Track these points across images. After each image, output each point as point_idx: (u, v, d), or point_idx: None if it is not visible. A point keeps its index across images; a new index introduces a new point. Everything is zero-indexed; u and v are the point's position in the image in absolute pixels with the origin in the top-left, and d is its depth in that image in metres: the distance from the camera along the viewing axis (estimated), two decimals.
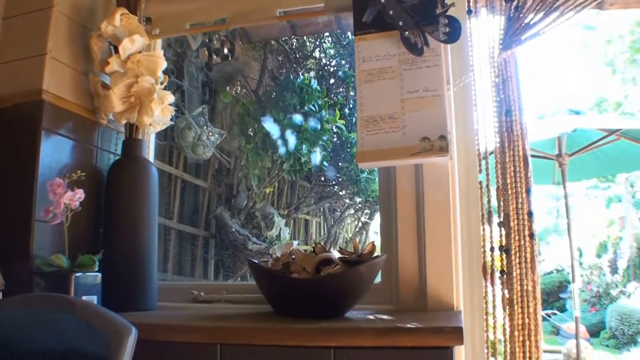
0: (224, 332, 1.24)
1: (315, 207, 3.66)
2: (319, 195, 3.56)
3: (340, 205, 4.00)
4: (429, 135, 1.41)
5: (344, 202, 3.97)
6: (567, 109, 5.10)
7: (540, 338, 1.40)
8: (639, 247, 15.67)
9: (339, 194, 3.69)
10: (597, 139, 5.04)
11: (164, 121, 1.82)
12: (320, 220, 4.01)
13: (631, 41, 18.35)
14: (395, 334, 1.12)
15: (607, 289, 14.92)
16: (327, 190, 3.56)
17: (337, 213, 4.05)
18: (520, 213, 1.40)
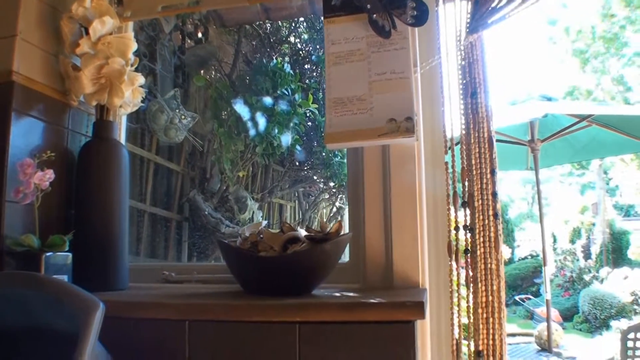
0: (192, 309, 1.26)
1: (289, 191, 3.68)
2: (293, 179, 3.57)
3: (314, 190, 4.02)
4: (396, 117, 1.44)
5: (318, 187, 3.98)
6: (538, 95, 5.16)
7: (503, 315, 1.44)
8: (611, 232, 15.92)
9: (313, 178, 3.71)
10: (569, 124, 5.11)
11: (134, 103, 1.83)
12: (295, 205, 4.03)
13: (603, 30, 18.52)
14: (359, 309, 1.15)
15: (581, 274, 15.14)
16: (301, 175, 3.58)
17: (312, 198, 4.07)
18: (484, 194, 1.43)
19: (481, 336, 1.39)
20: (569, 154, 6.20)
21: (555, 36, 20.88)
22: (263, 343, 1.20)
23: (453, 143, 1.49)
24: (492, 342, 1.40)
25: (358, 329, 1.14)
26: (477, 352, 1.40)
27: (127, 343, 1.29)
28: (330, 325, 1.16)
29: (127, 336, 1.30)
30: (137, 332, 1.30)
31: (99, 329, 1.06)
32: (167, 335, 1.28)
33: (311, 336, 1.17)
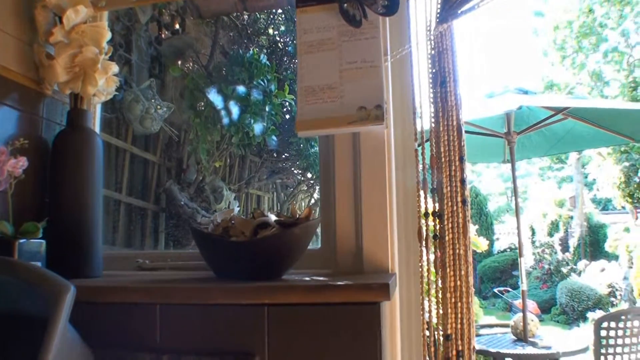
0: (162, 292, 1.28)
1: (266, 182, 3.69)
2: (270, 170, 3.59)
3: (292, 182, 4.04)
4: (366, 105, 1.46)
5: (296, 179, 4.00)
6: (515, 88, 5.19)
7: (471, 300, 1.46)
8: (589, 226, 16.10)
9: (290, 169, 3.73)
10: (545, 117, 5.15)
11: (108, 91, 1.84)
12: (273, 197, 4.04)
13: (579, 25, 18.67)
14: (326, 291, 1.17)
15: (558, 267, 15.32)
16: (278, 166, 3.59)
17: (290, 189, 4.09)
18: (453, 180, 1.45)
19: (450, 320, 1.42)
20: (546, 146, 6.26)
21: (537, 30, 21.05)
22: (232, 325, 1.22)
23: (423, 131, 1.51)
24: (460, 326, 1.42)
25: (325, 310, 1.17)
26: (445, 336, 1.42)
27: (99, 327, 1.30)
28: (298, 307, 1.18)
29: (99, 320, 1.31)
30: (108, 316, 1.32)
31: (69, 311, 1.07)
32: (138, 319, 1.29)
33: (279, 318, 1.19)
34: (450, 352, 1.41)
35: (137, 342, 1.28)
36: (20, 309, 1.20)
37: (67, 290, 1.08)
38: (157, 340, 1.27)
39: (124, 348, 1.28)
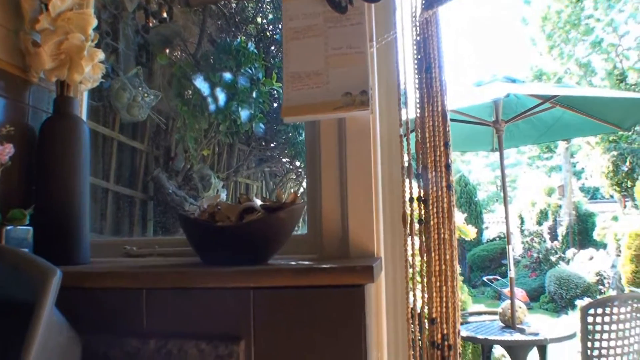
0: (149, 277, 1.29)
1: (255, 170, 3.70)
2: (259, 158, 3.59)
3: (281, 170, 4.04)
4: (351, 91, 1.46)
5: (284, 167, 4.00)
6: (503, 77, 5.21)
7: (456, 284, 1.48)
8: (577, 214, 16.19)
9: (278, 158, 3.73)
10: (533, 105, 5.18)
11: (94, 78, 1.84)
12: (262, 185, 4.04)
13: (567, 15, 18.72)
14: (311, 274, 1.18)
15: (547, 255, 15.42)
16: (266, 154, 3.60)
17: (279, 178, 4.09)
18: (438, 165, 1.46)
19: (435, 304, 1.43)
20: (534, 135, 6.29)
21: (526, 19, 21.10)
22: (218, 309, 1.23)
23: (407, 117, 1.52)
24: (445, 309, 1.44)
25: (310, 293, 1.18)
26: (431, 320, 1.44)
27: (86, 313, 1.31)
28: (284, 290, 1.19)
29: (86, 306, 1.32)
30: (95, 301, 1.32)
31: (56, 295, 1.08)
32: (125, 304, 1.30)
33: (265, 301, 1.20)
34: (436, 336, 1.43)
35: (124, 327, 1.29)
36: (6, 294, 1.20)
37: (54, 274, 1.08)
38: (144, 325, 1.28)
39: (111, 333, 1.28)
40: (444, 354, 1.43)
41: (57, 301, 1.08)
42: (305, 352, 1.18)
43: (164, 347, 1.22)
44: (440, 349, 1.43)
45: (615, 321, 3.95)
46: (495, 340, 4.47)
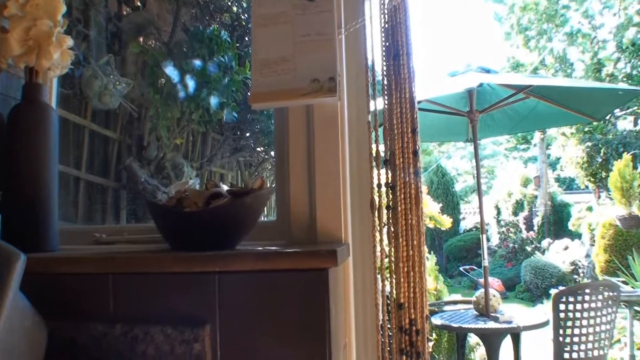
0: (115, 262, 1.29)
1: (230, 159, 3.69)
2: (233, 148, 3.59)
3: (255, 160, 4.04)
4: (319, 77, 1.47)
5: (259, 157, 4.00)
6: (477, 67, 5.24)
7: (424, 269, 1.49)
8: (553, 205, 16.36)
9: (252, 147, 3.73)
10: (507, 96, 5.22)
11: (63, 65, 1.82)
12: (236, 175, 4.04)
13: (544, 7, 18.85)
14: (275, 258, 1.19)
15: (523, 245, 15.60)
16: (241, 144, 3.59)
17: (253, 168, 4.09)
18: (405, 152, 1.47)
19: (402, 289, 1.44)
20: (509, 125, 6.34)
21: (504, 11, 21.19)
22: (184, 294, 1.24)
23: (375, 103, 1.53)
24: (413, 294, 1.45)
25: (275, 277, 1.19)
26: (398, 305, 1.45)
27: (53, 298, 1.30)
28: (248, 275, 1.20)
29: (53, 291, 1.32)
30: (62, 287, 1.32)
31: (20, 279, 1.07)
32: (92, 290, 1.30)
33: (230, 285, 1.21)
34: (404, 321, 1.44)
35: (90, 312, 1.29)
36: None
37: (17, 258, 1.08)
38: (110, 310, 1.28)
39: (77, 318, 1.28)
40: (412, 338, 1.45)
41: (23, 287, 1.08)
42: (270, 336, 1.19)
43: (130, 331, 1.23)
44: (408, 333, 1.45)
45: (587, 309, 4.01)
46: (469, 328, 4.52)
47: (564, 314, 3.99)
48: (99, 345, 1.24)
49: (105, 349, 1.24)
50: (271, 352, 1.18)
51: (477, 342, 6.08)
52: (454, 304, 6.15)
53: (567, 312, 4.00)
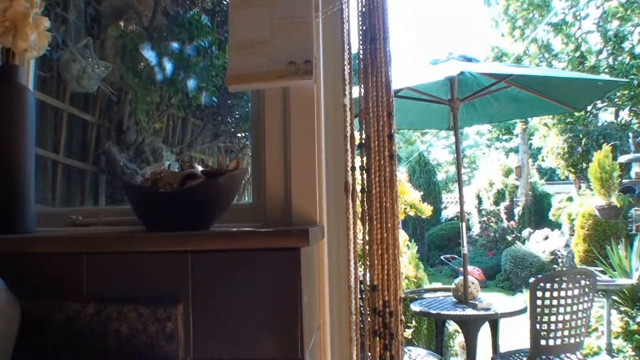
0: (89, 242, 1.29)
1: (210, 145, 3.68)
2: (213, 133, 3.57)
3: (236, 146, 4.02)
4: (296, 60, 1.47)
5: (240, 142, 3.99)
6: (459, 55, 5.26)
7: (398, 252, 1.51)
8: (534, 195, 16.48)
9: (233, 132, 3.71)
10: (488, 84, 5.24)
11: (40, 46, 1.81)
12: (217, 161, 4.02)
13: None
14: (248, 237, 1.20)
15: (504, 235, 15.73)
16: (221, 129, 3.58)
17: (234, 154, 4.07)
18: (381, 135, 1.48)
19: (376, 271, 1.46)
20: (489, 114, 6.37)
21: None
22: (158, 273, 1.24)
23: (352, 86, 1.54)
24: (386, 277, 1.47)
25: (247, 256, 1.20)
26: (372, 287, 1.46)
27: (27, 278, 1.31)
28: (221, 254, 1.21)
29: (27, 271, 1.32)
30: (36, 267, 1.32)
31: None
32: (65, 269, 1.30)
33: (203, 265, 1.22)
34: (377, 302, 1.46)
35: (64, 292, 1.29)
36: None
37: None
38: (84, 289, 1.28)
39: (51, 298, 1.28)
40: (385, 320, 1.47)
41: None
42: (243, 314, 1.20)
43: (104, 310, 1.23)
44: (382, 315, 1.46)
45: (564, 296, 4.05)
46: (447, 315, 4.56)
47: (540, 301, 4.03)
48: (72, 325, 1.25)
49: (79, 328, 1.24)
50: (243, 330, 1.19)
51: (456, 329, 6.13)
52: (434, 291, 6.20)
53: (544, 299, 4.04)
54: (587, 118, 17.57)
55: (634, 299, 7.14)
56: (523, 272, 12.47)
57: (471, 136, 34.42)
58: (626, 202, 9.91)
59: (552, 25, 19.32)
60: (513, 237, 15.41)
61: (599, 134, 15.29)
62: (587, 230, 10.44)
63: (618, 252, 7.79)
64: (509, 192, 17.05)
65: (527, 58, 19.58)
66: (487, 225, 16.87)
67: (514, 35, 19.63)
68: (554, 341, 4.04)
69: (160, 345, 1.20)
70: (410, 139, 33.11)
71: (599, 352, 6.69)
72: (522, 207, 16.38)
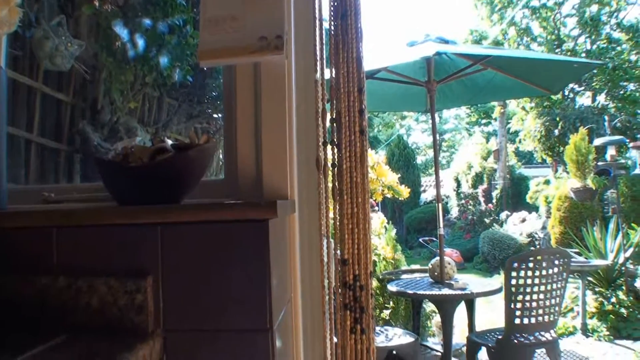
0: (58, 215, 1.29)
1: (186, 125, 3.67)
2: (189, 113, 3.56)
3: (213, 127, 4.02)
4: (267, 35, 1.47)
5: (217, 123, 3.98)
6: (435, 37, 5.27)
7: (368, 227, 1.52)
8: (511, 178, 16.60)
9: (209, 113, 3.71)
10: (465, 66, 5.26)
11: (11, 22, 1.79)
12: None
13: None
14: (217, 209, 1.21)
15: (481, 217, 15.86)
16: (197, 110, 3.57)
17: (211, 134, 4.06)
18: (351, 110, 1.49)
19: (346, 245, 1.47)
20: (466, 96, 6.41)
21: None
22: (127, 246, 1.25)
23: (323, 62, 1.55)
24: (357, 251, 1.48)
25: (216, 228, 1.21)
26: (342, 261, 1.48)
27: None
28: (190, 226, 1.21)
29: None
30: (6, 241, 1.32)
31: None
32: (35, 243, 1.30)
33: (172, 237, 1.23)
34: (348, 276, 1.47)
35: (34, 266, 1.29)
36: None
37: None
38: (54, 263, 1.28)
39: (22, 271, 1.29)
40: (355, 294, 1.48)
41: None
42: (213, 286, 1.20)
43: (74, 283, 1.23)
44: (352, 289, 1.48)
45: (538, 275, 4.09)
46: (424, 294, 4.60)
47: (515, 280, 4.07)
48: (43, 298, 1.25)
49: (50, 301, 1.25)
50: (213, 302, 1.21)
51: (433, 310, 6.18)
52: (411, 272, 6.24)
53: (519, 278, 4.08)
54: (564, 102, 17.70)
55: (609, 280, 7.23)
56: (500, 255, 12.58)
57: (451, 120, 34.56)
58: (601, 184, 10.01)
59: (530, 9, 19.38)
60: (491, 220, 15.53)
61: (576, 118, 15.41)
62: (563, 212, 10.55)
63: (593, 234, 7.87)
64: (487, 175, 17.17)
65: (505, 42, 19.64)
66: (465, 208, 16.99)
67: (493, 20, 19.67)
68: (529, 320, 4.09)
69: (130, 318, 1.20)
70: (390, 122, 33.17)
71: (575, 332, 6.78)
72: (500, 190, 16.51)
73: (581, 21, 18.40)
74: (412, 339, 4.37)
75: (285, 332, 1.44)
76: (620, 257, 7.24)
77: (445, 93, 6.00)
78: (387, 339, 4.40)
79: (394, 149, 19.22)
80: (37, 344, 1.08)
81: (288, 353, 1.51)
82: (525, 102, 17.23)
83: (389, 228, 6.79)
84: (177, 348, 1.21)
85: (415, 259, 14.23)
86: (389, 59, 5.16)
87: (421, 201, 19.24)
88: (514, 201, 16.10)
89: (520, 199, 15.83)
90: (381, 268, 6.21)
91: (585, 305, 6.75)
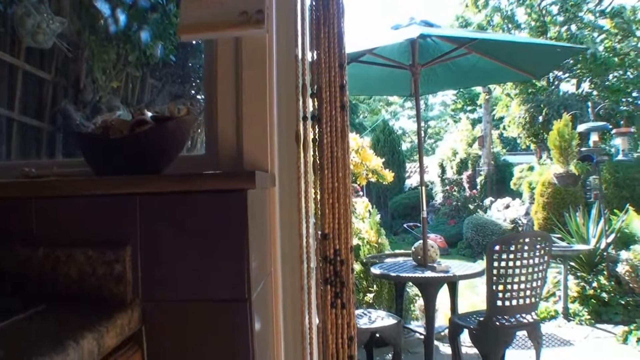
0: (37, 186, 1.30)
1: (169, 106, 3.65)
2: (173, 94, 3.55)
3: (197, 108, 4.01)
4: (247, 9, 1.47)
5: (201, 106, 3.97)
6: (420, 21, 5.28)
7: (349, 202, 1.53)
8: (496, 164, 16.67)
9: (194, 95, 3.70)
10: (449, 50, 5.27)
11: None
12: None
13: None
14: (195, 179, 1.22)
15: (466, 203, 15.93)
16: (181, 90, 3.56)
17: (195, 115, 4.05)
18: (332, 86, 1.50)
19: (327, 220, 1.48)
20: (451, 80, 6.42)
21: None
22: (105, 216, 1.25)
23: (305, 37, 1.55)
24: (337, 225, 1.49)
25: (195, 198, 1.21)
26: (323, 235, 1.49)
27: None
28: (168, 196, 1.22)
29: None
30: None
31: None
32: (14, 215, 1.30)
33: (150, 207, 1.23)
34: (328, 251, 1.49)
35: (13, 236, 1.29)
36: None
37: None
38: (33, 234, 1.28)
39: (1, 243, 1.29)
40: (336, 268, 1.49)
41: None
42: (191, 256, 1.21)
43: (53, 254, 1.24)
44: (333, 263, 1.49)
45: (520, 258, 4.12)
46: (407, 277, 4.62)
47: (497, 262, 4.10)
48: (22, 269, 1.25)
49: (29, 272, 1.25)
50: (191, 272, 1.21)
51: (416, 293, 6.22)
52: (395, 256, 6.26)
53: (501, 260, 4.11)
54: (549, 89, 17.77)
55: (590, 265, 7.30)
56: (484, 240, 12.65)
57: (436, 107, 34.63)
58: (584, 170, 10.09)
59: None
60: (475, 206, 15.61)
61: (560, 104, 15.48)
62: (546, 198, 10.61)
63: (576, 219, 7.93)
64: (471, 161, 17.25)
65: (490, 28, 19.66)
66: (450, 194, 17.06)
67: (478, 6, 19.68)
68: (510, 302, 4.12)
69: (108, 288, 1.21)
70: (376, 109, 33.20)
71: (556, 316, 6.85)
72: (485, 176, 16.58)
73: (562, 7, 18.44)
74: (394, 321, 4.39)
75: (264, 305, 1.46)
76: (602, 243, 7.29)
77: (430, 77, 6.01)
78: (370, 321, 4.42)
79: (379, 135, 19.23)
80: (16, 313, 1.08)
81: (268, 326, 1.53)
82: (511, 88, 17.28)
83: (373, 212, 6.81)
84: (155, 317, 1.22)
85: (399, 244, 14.26)
86: (373, 42, 5.16)
87: (406, 187, 19.29)
88: (498, 187, 16.18)
89: (505, 186, 15.91)
90: (365, 252, 6.23)
91: (567, 289, 6.81)
